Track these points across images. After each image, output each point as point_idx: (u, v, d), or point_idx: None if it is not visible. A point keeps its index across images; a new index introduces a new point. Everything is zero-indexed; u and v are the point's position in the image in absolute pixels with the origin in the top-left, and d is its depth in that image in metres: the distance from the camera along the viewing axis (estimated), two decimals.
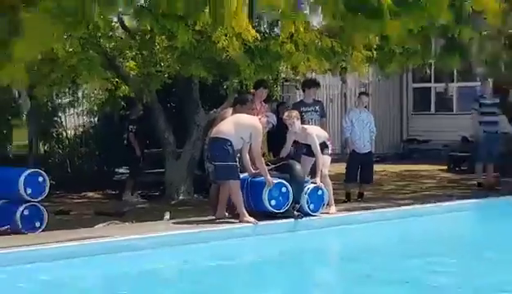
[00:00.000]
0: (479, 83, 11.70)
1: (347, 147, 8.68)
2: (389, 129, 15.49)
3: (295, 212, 6.59)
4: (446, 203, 8.40)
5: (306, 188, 6.73)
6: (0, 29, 6.94)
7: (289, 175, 6.80)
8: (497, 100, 9.87)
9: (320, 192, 6.77)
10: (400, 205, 8.40)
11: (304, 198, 6.68)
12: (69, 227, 7.26)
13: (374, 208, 7.82)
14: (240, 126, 6.61)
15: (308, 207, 6.70)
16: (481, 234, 7.22)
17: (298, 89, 11.33)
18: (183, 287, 5.39)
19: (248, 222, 6.38)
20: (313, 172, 7.08)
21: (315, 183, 6.79)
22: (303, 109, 8.23)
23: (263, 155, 7.06)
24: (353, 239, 6.90)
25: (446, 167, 12.75)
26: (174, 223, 6.88)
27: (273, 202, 6.61)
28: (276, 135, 7.74)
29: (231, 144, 6.29)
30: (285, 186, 6.60)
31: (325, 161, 6.93)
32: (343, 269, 5.93)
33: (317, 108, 8.40)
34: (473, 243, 6.84)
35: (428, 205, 8.22)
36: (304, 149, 7.15)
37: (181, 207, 8.48)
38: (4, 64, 6.99)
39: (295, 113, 7.15)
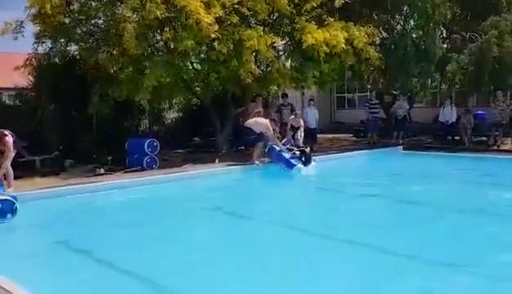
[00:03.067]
0: (369, 93, 18.72)
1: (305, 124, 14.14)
2: (325, 116, 21.99)
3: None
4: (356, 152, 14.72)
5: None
6: (136, 71, 12.19)
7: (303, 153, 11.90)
8: (378, 101, 16.79)
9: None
10: (328, 153, 14.19)
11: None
12: (169, 167, 11.98)
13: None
14: (258, 124, 11.77)
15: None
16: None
17: (283, 97, 15.80)
18: (231, 191, 9.92)
19: (254, 163, 12.11)
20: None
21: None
22: (282, 107, 14.67)
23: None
24: None
25: (352, 135, 19.39)
26: (219, 163, 12.33)
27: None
28: None
29: (253, 131, 11.84)
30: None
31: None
32: None
33: (289, 107, 14.65)
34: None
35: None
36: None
37: (224, 156, 13.30)
38: (139, 90, 12.00)
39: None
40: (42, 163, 11.80)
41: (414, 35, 15.56)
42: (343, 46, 12.69)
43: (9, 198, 7.43)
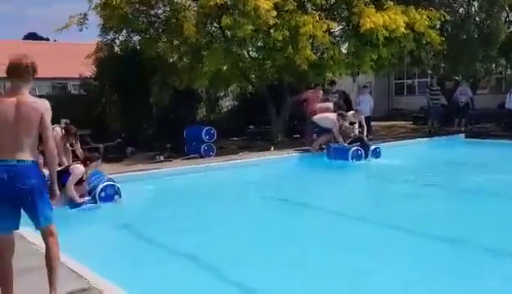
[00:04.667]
0: (429, 79, 17.93)
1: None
2: (382, 103, 21.57)
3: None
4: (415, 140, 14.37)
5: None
6: (196, 60, 12.46)
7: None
8: (439, 87, 16.11)
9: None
10: (386, 141, 13.70)
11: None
12: (225, 154, 12.27)
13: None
14: (326, 120, 11.53)
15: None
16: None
17: (331, 84, 15.08)
18: (288, 179, 9.93)
19: (313, 150, 12.05)
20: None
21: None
22: (331, 95, 14.11)
23: None
24: None
25: (411, 123, 18.85)
26: (275, 151, 12.55)
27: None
28: None
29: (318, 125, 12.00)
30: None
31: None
32: None
33: (337, 94, 14.10)
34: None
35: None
36: None
37: (279, 144, 13.45)
38: (198, 78, 12.36)
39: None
40: (105, 150, 12.25)
41: (477, 18, 14.90)
42: (403, 30, 12.35)
43: (110, 182, 7.64)
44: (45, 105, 3.49)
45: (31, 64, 3.52)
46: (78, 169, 7.19)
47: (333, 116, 11.54)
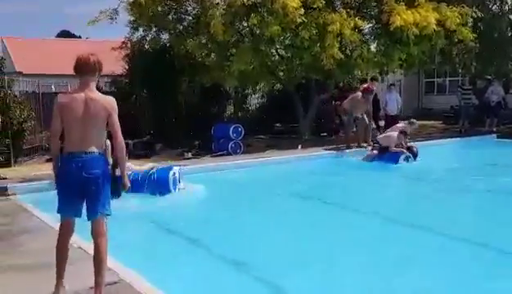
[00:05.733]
0: (460, 77, 17.65)
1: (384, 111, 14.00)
2: (412, 102, 21.47)
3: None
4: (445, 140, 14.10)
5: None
6: (224, 58, 12.62)
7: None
8: (471, 87, 15.79)
9: None
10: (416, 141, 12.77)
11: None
12: (252, 152, 12.20)
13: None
14: (388, 139, 10.75)
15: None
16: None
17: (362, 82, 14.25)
18: (308, 178, 9.62)
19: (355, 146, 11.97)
20: None
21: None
22: None
23: None
24: None
25: (441, 122, 18.46)
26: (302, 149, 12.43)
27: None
28: None
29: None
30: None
31: None
32: None
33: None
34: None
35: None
36: None
37: (306, 142, 13.30)
38: (226, 76, 12.59)
39: None
40: (134, 146, 12.44)
41: (511, 16, 14.55)
42: (434, 27, 12.14)
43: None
44: (113, 105, 3.75)
45: (97, 62, 3.79)
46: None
47: (395, 135, 10.84)
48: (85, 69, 3.74)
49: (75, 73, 3.77)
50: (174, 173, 7.66)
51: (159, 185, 7.51)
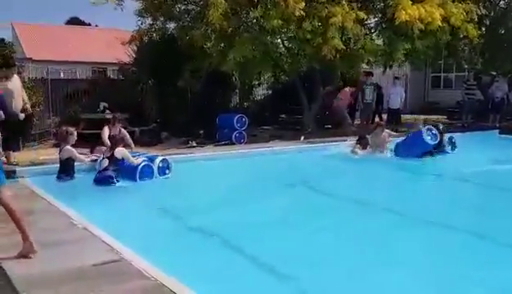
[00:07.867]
0: (466, 73, 17.61)
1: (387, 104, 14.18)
2: (418, 96, 21.69)
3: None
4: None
5: None
6: (227, 46, 12.41)
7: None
8: (475, 82, 15.84)
9: None
10: None
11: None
12: (256, 142, 12.37)
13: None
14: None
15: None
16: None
17: (367, 75, 14.85)
18: (306, 167, 9.53)
19: None
20: None
21: None
22: (365, 86, 14.24)
23: None
24: None
25: (446, 117, 18.27)
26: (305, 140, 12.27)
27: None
28: None
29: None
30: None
31: None
32: None
33: (372, 86, 14.28)
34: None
35: None
36: None
37: (310, 134, 13.18)
38: (225, 61, 12.22)
39: None
40: (140, 134, 12.65)
41: None
42: (439, 23, 12.19)
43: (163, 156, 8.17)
44: None
45: None
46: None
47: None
48: None
49: None
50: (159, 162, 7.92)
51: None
